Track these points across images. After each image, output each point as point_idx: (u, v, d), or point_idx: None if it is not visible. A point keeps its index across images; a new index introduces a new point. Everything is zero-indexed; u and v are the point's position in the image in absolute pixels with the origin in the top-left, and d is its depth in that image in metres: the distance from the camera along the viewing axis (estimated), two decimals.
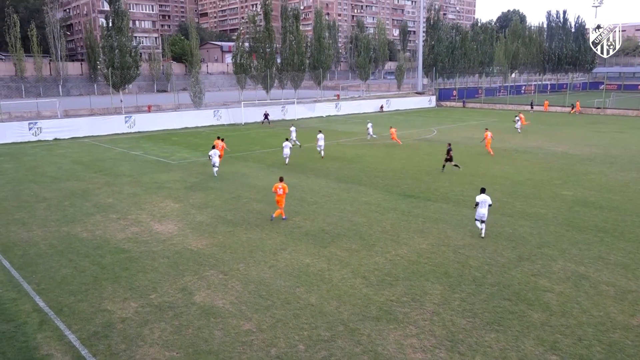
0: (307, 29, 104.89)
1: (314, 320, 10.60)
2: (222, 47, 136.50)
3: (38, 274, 13.18)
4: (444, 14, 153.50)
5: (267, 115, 49.91)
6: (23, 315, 11.00)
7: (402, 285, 12.24)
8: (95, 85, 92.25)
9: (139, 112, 53.21)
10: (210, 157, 25.02)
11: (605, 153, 31.21)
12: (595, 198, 20.32)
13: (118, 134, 42.49)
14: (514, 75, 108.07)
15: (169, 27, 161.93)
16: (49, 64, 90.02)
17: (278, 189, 17.30)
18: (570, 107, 60.03)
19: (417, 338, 9.89)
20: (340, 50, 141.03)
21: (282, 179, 17.76)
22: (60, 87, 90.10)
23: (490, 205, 15.57)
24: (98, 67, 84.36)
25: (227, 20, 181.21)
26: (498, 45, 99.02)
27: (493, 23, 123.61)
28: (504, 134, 40.04)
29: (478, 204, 15.46)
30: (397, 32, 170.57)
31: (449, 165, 25.79)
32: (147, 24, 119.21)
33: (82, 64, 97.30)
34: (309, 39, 78.88)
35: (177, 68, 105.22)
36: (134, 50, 59.55)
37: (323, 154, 30.08)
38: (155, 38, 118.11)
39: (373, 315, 10.78)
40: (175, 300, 11.60)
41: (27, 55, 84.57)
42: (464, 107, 70.42)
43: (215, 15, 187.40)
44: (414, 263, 13.66)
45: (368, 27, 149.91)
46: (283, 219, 17.63)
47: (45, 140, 38.83)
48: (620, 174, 24.97)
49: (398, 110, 66.06)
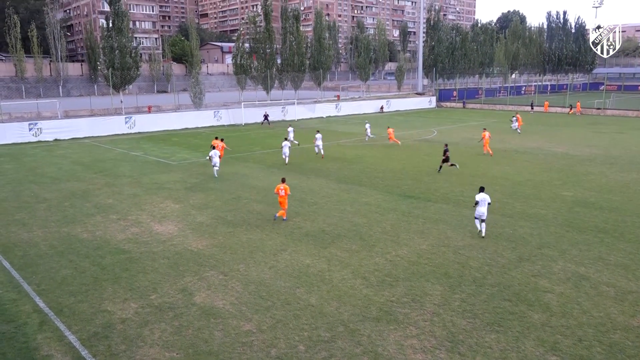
0: (307, 30, 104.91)
1: (314, 321, 10.60)
2: (222, 47, 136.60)
3: (38, 275, 13.19)
4: (444, 15, 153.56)
5: (266, 117, 49.92)
6: (23, 316, 11.00)
7: (402, 286, 12.25)
8: (96, 86, 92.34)
9: (139, 112, 53.26)
10: (211, 157, 25.09)
11: (606, 154, 31.22)
12: (596, 199, 20.32)
13: (118, 135, 42.51)
14: (514, 76, 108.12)
15: (169, 27, 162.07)
16: (49, 65, 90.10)
17: (280, 190, 17.31)
18: (569, 107, 60.06)
19: (417, 339, 9.89)
20: (341, 51, 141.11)
21: (284, 180, 17.78)
22: (61, 87, 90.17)
23: (490, 204, 15.72)
24: (98, 67, 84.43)
25: (227, 21, 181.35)
26: (498, 46, 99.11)
27: (493, 24, 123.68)
28: (504, 135, 40.08)
29: (478, 203, 15.60)
30: (397, 32, 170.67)
31: (446, 166, 25.76)
32: (147, 25, 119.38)
33: (82, 65, 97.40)
34: (309, 40, 78.97)
35: (177, 69, 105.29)
36: (134, 51, 59.59)
37: (323, 153, 30.18)
38: (156, 39, 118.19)
39: (373, 316, 10.78)
40: (176, 301, 11.61)
41: (27, 56, 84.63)
42: (464, 107, 70.45)
43: (216, 16, 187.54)
44: (414, 264, 13.66)
45: (368, 27, 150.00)
46: (283, 220, 17.63)
47: (46, 141, 38.84)
48: (621, 175, 24.98)
49: (398, 111, 66.08)
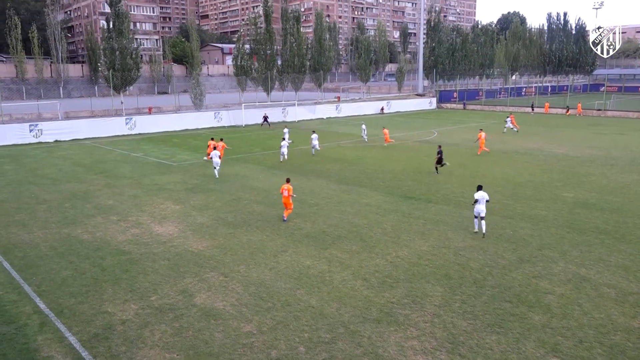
0: (307, 31, 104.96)
1: (315, 322, 10.59)
2: (222, 49, 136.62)
3: (38, 276, 13.18)
4: (445, 16, 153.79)
5: (266, 118, 49.92)
6: (23, 317, 10.99)
7: (402, 287, 12.23)
8: (96, 87, 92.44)
9: (140, 114, 53.30)
10: (211, 157, 25.34)
11: (606, 155, 31.21)
12: (596, 200, 20.31)
13: (119, 136, 42.52)
14: (515, 77, 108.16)
15: (170, 29, 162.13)
16: (50, 66, 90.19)
17: (283, 191, 17.42)
18: (566, 108, 60.15)
19: (417, 340, 9.88)
20: (341, 52, 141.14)
21: (288, 181, 17.90)
22: (61, 89, 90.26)
23: (488, 201, 15.98)
24: (99, 69, 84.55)
25: (227, 22, 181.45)
26: (498, 47, 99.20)
27: (493, 25, 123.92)
28: (504, 136, 40.13)
29: (477, 201, 15.81)
30: (397, 34, 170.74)
31: (440, 166, 25.76)
32: (147, 26, 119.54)
33: (82, 66, 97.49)
34: (310, 41, 79.04)
35: (177, 70, 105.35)
36: (135, 52, 59.65)
37: (314, 152, 31.77)
38: (156, 40, 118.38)
39: (374, 317, 10.77)
40: (176, 302, 11.60)
41: (28, 57, 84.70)
42: (465, 109, 70.48)
43: (216, 17, 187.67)
44: (415, 265, 13.65)
45: (368, 29, 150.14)
46: (283, 221, 17.64)
47: (46, 142, 38.85)
48: (621, 176, 24.96)
49: (398, 112, 66.10)
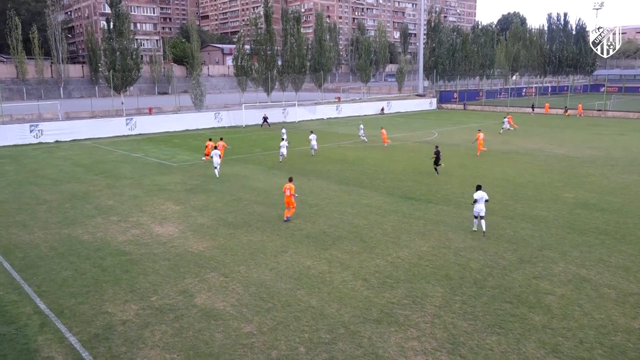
0: (308, 32, 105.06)
1: (315, 323, 10.58)
2: (223, 49, 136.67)
3: (39, 276, 13.19)
4: (445, 17, 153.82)
5: (266, 119, 49.92)
6: (24, 318, 11.00)
7: (403, 288, 12.23)
8: (97, 88, 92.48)
9: (140, 114, 53.31)
10: (211, 156, 25.63)
11: (606, 155, 31.20)
12: (597, 200, 20.30)
13: (119, 137, 42.54)
14: (515, 78, 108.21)
15: (170, 29, 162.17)
16: (50, 67, 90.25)
17: (286, 190, 17.51)
18: (564, 109, 60.29)
19: (418, 341, 9.88)
20: (341, 53, 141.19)
21: (291, 180, 18.03)
22: (62, 89, 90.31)
23: (487, 201, 16.09)
24: (99, 69, 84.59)
25: (228, 23, 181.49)
26: (499, 48, 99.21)
27: (494, 25, 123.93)
28: (505, 136, 40.13)
29: (476, 201, 15.92)
30: (397, 34, 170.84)
31: (436, 167, 25.76)
32: (148, 27, 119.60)
33: (83, 67, 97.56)
34: (310, 42, 79.08)
35: (178, 70, 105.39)
36: (135, 53, 59.62)
37: (313, 153, 31.76)
38: (157, 40, 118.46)
39: (374, 318, 10.77)
40: (176, 303, 11.60)
41: (28, 58, 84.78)
42: (465, 109, 70.46)
43: (216, 18, 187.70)
44: (415, 265, 13.65)
45: (369, 29, 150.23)
46: (284, 221, 17.64)
47: (47, 143, 38.86)
48: (621, 177, 24.95)
49: (399, 113, 66.10)
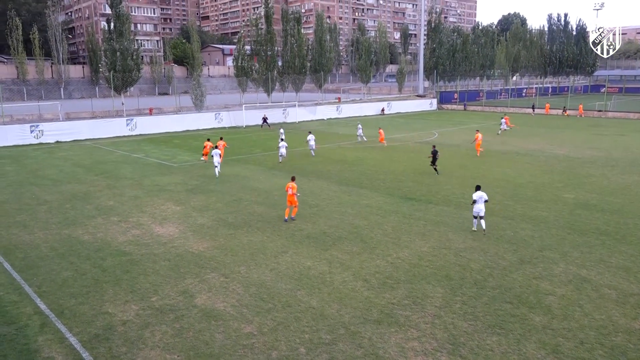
0: (308, 32, 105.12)
1: (315, 324, 10.58)
2: (223, 50, 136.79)
3: (39, 277, 13.19)
4: (445, 17, 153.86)
5: (265, 119, 49.92)
6: (24, 318, 10.99)
7: (403, 288, 12.22)
8: (97, 88, 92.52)
9: (141, 114, 53.38)
10: (212, 155, 25.85)
11: (607, 156, 31.18)
12: (597, 201, 20.29)
13: (119, 137, 42.55)
14: (515, 78, 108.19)
15: (171, 30, 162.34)
16: (51, 67, 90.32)
17: (288, 189, 17.55)
18: (563, 109, 60.35)
19: (418, 341, 9.87)
20: (342, 53, 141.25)
21: (293, 179, 18.07)
22: (62, 90, 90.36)
23: (487, 201, 16.15)
24: (100, 70, 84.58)
25: (228, 24, 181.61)
26: (499, 48, 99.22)
27: (494, 26, 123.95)
28: (505, 137, 40.12)
29: (475, 201, 16.00)
30: (398, 35, 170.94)
31: (432, 167, 25.86)
32: (148, 27, 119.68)
33: (83, 67, 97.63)
34: (310, 42, 79.12)
35: (178, 71, 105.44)
36: (136, 54, 59.63)
37: (313, 153, 31.66)
38: (157, 41, 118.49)
39: (374, 319, 10.76)
40: (176, 303, 11.60)
41: (29, 58, 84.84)
42: (465, 110, 70.45)
43: (217, 19, 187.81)
44: (415, 266, 13.64)
45: (369, 30, 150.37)
46: (284, 221, 17.67)
47: (47, 143, 38.88)
48: (622, 177, 24.93)
49: (399, 113, 66.10)
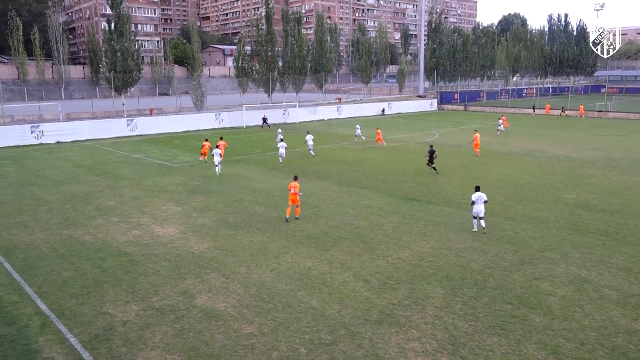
0: (308, 33, 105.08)
1: (316, 324, 10.58)
2: (223, 50, 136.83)
3: (40, 277, 13.19)
4: (445, 18, 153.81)
5: (265, 120, 49.93)
6: (24, 319, 11.00)
7: (403, 289, 12.22)
8: (98, 89, 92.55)
9: (141, 115, 53.34)
10: (213, 155, 26.43)
11: (607, 156, 31.16)
12: (598, 201, 20.28)
13: (120, 137, 42.57)
14: (516, 79, 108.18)
15: (171, 30, 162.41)
16: (52, 68, 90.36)
17: (291, 188, 17.66)
18: (561, 109, 60.37)
19: (418, 342, 9.87)
20: (342, 54, 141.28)
21: (296, 178, 18.16)
22: (63, 90, 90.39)
23: (486, 202, 16.18)
24: (100, 70, 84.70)
25: (229, 24, 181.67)
26: (499, 49, 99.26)
27: (494, 26, 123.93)
28: (505, 137, 40.11)
29: (474, 202, 16.03)
30: (398, 35, 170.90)
31: (430, 166, 25.97)
32: (149, 28, 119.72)
33: (84, 68, 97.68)
34: (311, 43, 79.17)
35: (179, 71, 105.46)
36: (136, 54, 59.71)
37: (314, 154, 31.72)
38: (157, 41, 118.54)
39: (374, 319, 10.76)
40: (177, 304, 11.60)
41: (29, 59, 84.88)
42: (466, 110, 70.44)
43: (217, 19, 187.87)
44: (416, 266, 13.64)
45: (369, 30, 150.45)
46: (286, 220, 17.73)
47: (47, 144, 38.90)
48: (623, 178, 24.92)
49: (400, 114, 66.08)
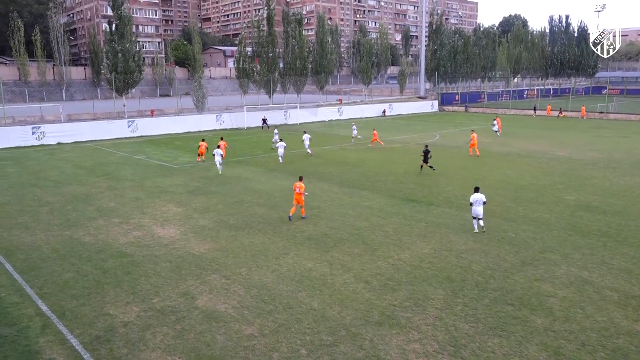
0: (309, 34, 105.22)
1: (316, 325, 10.57)
2: (224, 51, 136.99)
3: (41, 278, 13.20)
4: (446, 19, 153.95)
5: (265, 120, 49.97)
6: (25, 319, 11.00)
7: (404, 290, 12.21)
8: (99, 90, 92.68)
9: (142, 116, 53.42)
10: (214, 155, 26.95)
11: (608, 157, 31.13)
12: (599, 203, 20.25)
13: (121, 139, 42.60)
14: (517, 80, 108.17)
15: (172, 31, 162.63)
16: (53, 69, 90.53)
17: (295, 187, 17.76)
18: (559, 110, 60.34)
19: (419, 343, 9.85)
20: (343, 55, 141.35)
21: (301, 179, 18.27)
22: (64, 91, 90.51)
23: (485, 203, 16.23)
24: (101, 71, 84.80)
25: (229, 25, 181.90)
26: (500, 50, 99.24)
27: (495, 28, 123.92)
28: (506, 138, 40.07)
29: (472, 204, 16.10)
30: (399, 36, 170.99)
31: (426, 165, 26.14)
32: (150, 29, 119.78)
33: (85, 69, 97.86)
34: (312, 44, 79.25)
35: (179, 72, 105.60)
36: (137, 55, 59.77)
37: (312, 153, 32.20)
38: (158, 43, 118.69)
39: (375, 320, 10.75)
40: (178, 305, 11.59)
41: (30, 60, 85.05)
42: (467, 111, 70.42)
43: (218, 20, 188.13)
44: (417, 268, 13.62)
45: (370, 31, 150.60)
46: (289, 218, 17.85)
47: (49, 145, 38.95)
48: (624, 179, 24.89)
49: (400, 115, 66.09)
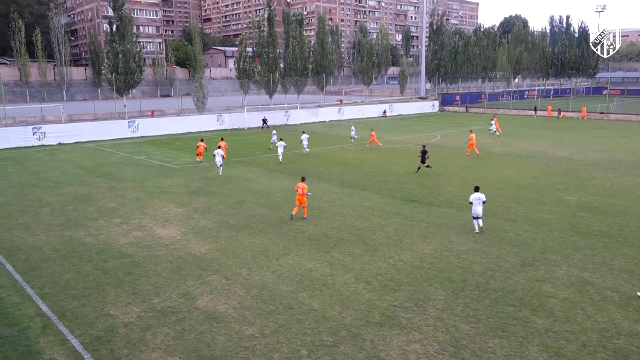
0: (310, 34, 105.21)
1: (317, 326, 10.57)
2: (225, 52, 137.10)
3: (41, 279, 13.20)
4: (447, 19, 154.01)
5: (265, 121, 49.99)
6: (26, 320, 11.00)
7: (405, 291, 12.21)
8: (99, 90, 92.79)
9: (143, 117, 53.48)
10: (214, 155, 27.02)
11: (609, 158, 31.11)
12: (599, 203, 20.23)
13: (121, 139, 42.62)
14: (517, 80, 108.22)
15: (173, 32, 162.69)
16: (53, 69, 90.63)
17: (298, 188, 17.81)
18: (557, 111, 60.37)
19: (420, 344, 9.85)
20: (343, 56, 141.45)
21: (303, 179, 18.32)
22: (64, 92, 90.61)
23: (485, 202, 16.28)
24: (102, 72, 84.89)
25: (230, 26, 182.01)
26: (501, 50, 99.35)
27: (496, 28, 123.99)
28: (506, 138, 40.04)
29: (472, 203, 16.17)
30: (400, 37, 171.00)
31: (423, 166, 26.25)
32: (150, 30, 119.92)
33: (86, 69, 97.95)
34: (312, 44, 79.32)
35: (180, 73, 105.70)
36: (138, 56, 59.90)
37: (310, 151, 32.89)
38: (159, 43, 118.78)
39: (376, 321, 10.75)
40: (178, 305, 11.59)
41: (31, 61, 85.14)
42: (467, 112, 70.41)
43: (219, 21, 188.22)
44: (417, 268, 13.62)
45: (371, 32, 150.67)
46: (291, 217, 17.97)
47: (49, 145, 38.97)
48: (624, 179, 24.88)
49: (401, 115, 66.08)
